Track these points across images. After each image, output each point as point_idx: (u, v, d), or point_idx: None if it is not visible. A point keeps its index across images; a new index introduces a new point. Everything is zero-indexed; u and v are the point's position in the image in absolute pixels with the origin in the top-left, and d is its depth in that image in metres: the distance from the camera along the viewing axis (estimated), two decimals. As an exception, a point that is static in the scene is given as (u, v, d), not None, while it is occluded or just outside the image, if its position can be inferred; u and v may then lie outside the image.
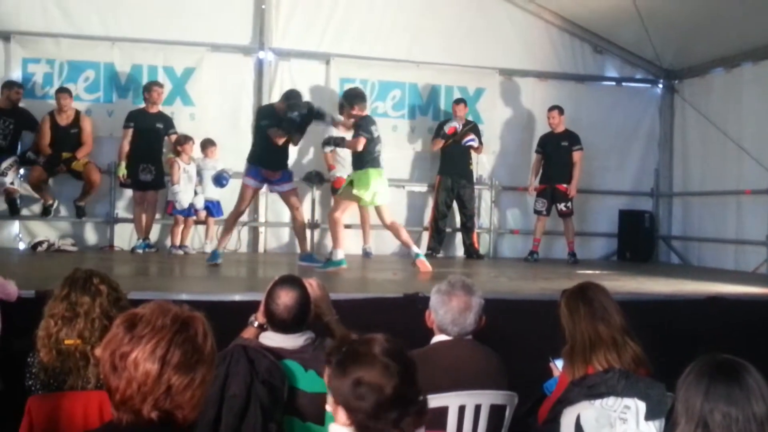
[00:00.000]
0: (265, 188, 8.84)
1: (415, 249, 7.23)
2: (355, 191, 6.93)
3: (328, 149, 7.53)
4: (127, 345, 1.76)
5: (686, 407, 1.96)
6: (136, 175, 8.23)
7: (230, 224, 7.33)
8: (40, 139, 8.06)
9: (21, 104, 8.18)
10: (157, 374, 1.74)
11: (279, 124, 7.00)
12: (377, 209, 7.22)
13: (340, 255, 6.92)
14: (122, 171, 8.17)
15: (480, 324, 3.22)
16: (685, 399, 1.98)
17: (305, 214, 9.16)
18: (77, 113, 8.21)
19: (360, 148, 6.94)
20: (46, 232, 8.39)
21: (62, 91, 8.14)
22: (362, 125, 7.04)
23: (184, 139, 8.27)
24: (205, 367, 1.82)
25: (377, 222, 8.93)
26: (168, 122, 8.43)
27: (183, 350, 1.77)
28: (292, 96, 7.18)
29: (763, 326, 5.13)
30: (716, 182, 9.34)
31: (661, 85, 10.40)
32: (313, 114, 7.18)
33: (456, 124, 8.87)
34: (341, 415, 2.04)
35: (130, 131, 8.21)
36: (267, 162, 7.12)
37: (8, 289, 3.86)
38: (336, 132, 7.93)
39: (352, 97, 7.28)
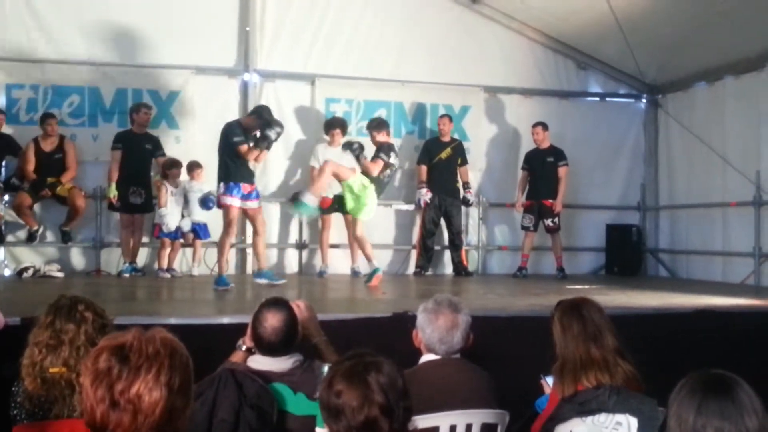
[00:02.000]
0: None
1: (374, 263, 7.55)
2: (363, 207, 7.36)
3: (347, 149, 7.59)
4: (125, 379, 1.72)
5: (679, 422, 1.95)
6: (126, 197, 8.19)
7: (224, 247, 7.19)
8: (24, 164, 8.03)
9: (5, 130, 8.14)
10: (165, 402, 1.72)
11: (249, 139, 7.04)
12: (354, 221, 7.64)
13: (375, 264, 7.51)
14: (113, 192, 8.13)
15: (468, 342, 3.20)
16: (678, 414, 1.96)
17: (293, 234, 9.19)
18: (61, 138, 8.19)
19: (376, 173, 7.33)
20: (31, 258, 8.33)
21: (49, 116, 8.12)
22: (385, 149, 7.46)
23: (172, 164, 8.25)
24: (192, 385, 1.83)
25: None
26: (156, 144, 8.41)
27: (180, 372, 1.76)
28: (266, 112, 7.20)
29: (751, 338, 5.14)
30: (702, 195, 9.39)
31: (644, 100, 10.48)
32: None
33: (427, 198, 8.98)
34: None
35: (119, 153, 8.18)
36: (243, 177, 7.08)
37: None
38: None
39: (379, 125, 7.81)
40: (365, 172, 7.38)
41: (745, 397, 1.95)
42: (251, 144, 7.03)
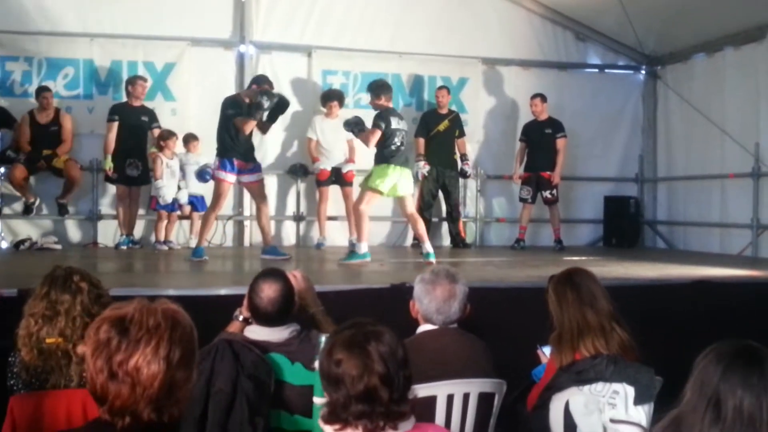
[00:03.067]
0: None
1: (427, 247, 6.94)
2: (371, 183, 6.87)
3: (347, 128, 7.29)
4: (124, 351, 1.71)
5: (701, 382, 1.92)
6: (123, 170, 8.14)
7: (209, 221, 7.21)
8: (19, 137, 7.99)
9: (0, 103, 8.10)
10: (164, 374, 1.71)
11: (245, 112, 6.91)
12: (399, 200, 7.14)
13: (364, 248, 6.88)
14: (109, 164, 8.08)
15: (465, 312, 3.20)
16: (702, 375, 1.94)
17: (290, 206, 9.18)
18: (57, 111, 8.13)
19: (372, 143, 6.85)
20: (28, 230, 8.32)
21: (44, 89, 8.05)
22: (382, 115, 6.92)
23: (168, 135, 8.21)
24: (196, 358, 1.82)
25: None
26: (152, 116, 8.36)
27: (182, 346, 1.75)
28: (262, 81, 7.06)
29: (749, 308, 5.15)
30: (700, 167, 9.37)
31: (643, 72, 10.42)
32: (282, 104, 7.09)
33: (424, 171, 8.81)
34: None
35: (115, 125, 8.12)
36: (239, 153, 7.01)
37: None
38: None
39: (377, 88, 7.17)
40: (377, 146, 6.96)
41: None
42: (243, 116, 6.91)
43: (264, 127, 7.33)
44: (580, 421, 2.97)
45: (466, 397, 2.92)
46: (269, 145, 9.04)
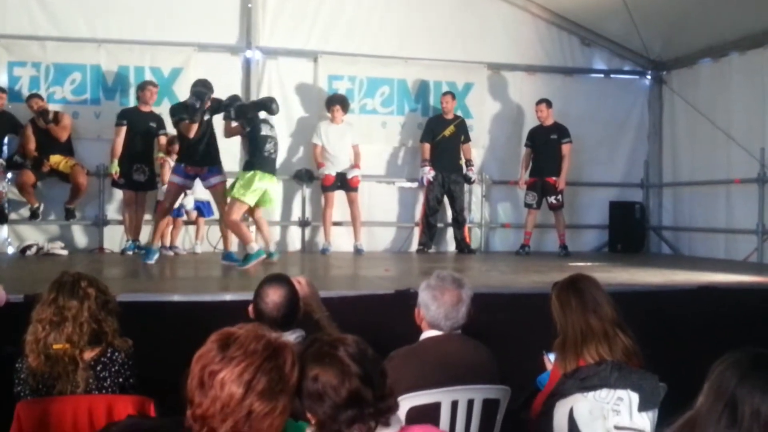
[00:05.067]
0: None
1: (255, 246, 6.85)
2: (236, 193, 6.81)
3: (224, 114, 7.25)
4: (217, 364, 1.79)
5: (718, 386, 1.93)
6: (130, 175, 8.17)
7: (159, 221, 7.35)
8: (25, 143, 8.03)
9: (7, 108, 8.14)
10: (241, 398, 1.76)
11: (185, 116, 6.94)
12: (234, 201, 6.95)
13: (255, 248, 6.77)
14: (115, 168, 8.10)
15: (470, 317, 3.21)
16: (718, 379, 1.94)
17: (296, 211, 9.19)
18: (56, 114, 8.16)
19: (230, 133, 7.08)
20: (35, 235, 8.35)
21: (31, 96, 8.08)
22: (253, 119, 7.03)
23: (175, 140, 8.22)
24: (287, 397, 1.85)
25: (367, 219, 8.99)
26: (160, 122, 8.38)
27: (269, 378, 1.80)
28: (195, 84, 7.05)
29: (754, 314, 5.14)
30: (706, 172, 9.36)
31: (649, 77, 10.42)
32: (223, 107, 7.11)
33: (430, 177, 8.89)
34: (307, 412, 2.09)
35: (124, 129, 8.14)
36: (190, 158, 7.01)
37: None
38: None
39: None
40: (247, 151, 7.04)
41: None
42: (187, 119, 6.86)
43: (226, 129, 7.32)
44: (585, 427, 2.96)
45: (470, 403, 2.92)
46: (275, 151, 9.06)
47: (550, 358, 3.52)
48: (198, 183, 8.17)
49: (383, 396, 2.07)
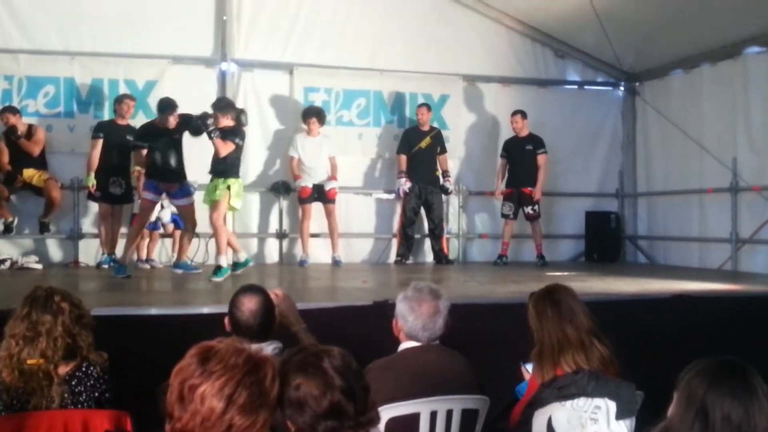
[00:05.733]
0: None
1: (221, 260, 6.89)
2: (231, 203, 6.96)
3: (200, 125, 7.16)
4: (198, 378, 1.78)
5: (687, 395, 1.96)
6: (106, 187, 8.09)
7: (133, 236, 7.35)
8: (-1, 157, 7.94)
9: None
10: (221, 412, 1.76)
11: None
12: (216, 203, 6.99)
13: (224, 262, 6.88)
14: (91, 181, 8.02)
15: (448, 327, 3.21)
16: (687, 388, 1.97)
17: (273, 224, 9.16)
18: (29, 127, 8.08)
19: (224, 152, 6.91)
20: (8, 249, 8.24)
21: (4, 110, 8.00)
22: (237, 132, 7.05)
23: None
24: (268, 411, 1.84)
25: (345, 230, 8.98)
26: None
27: (249, 392, 1.79)
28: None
29: (729, 322, 5.19)
30: (679, 182, 9.47)
31: (622, 88, 10.54)
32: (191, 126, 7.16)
33: (406, 188, 8.95)
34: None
35: (100, 142, 8.07)
36: (162, 176, 7.12)
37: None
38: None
39: (223, 107, 7.22)
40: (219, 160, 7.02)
41: (755, 383, 1.97)
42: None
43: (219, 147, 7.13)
44: (563, 436, 2.98)
45: (449, 413, 2.92)
46: (251, 163, 9.04)
47: (528, 368, 3.53)
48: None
49: (365, 410, 2.07)
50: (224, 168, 6.97)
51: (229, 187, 6.91)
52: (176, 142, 7.21)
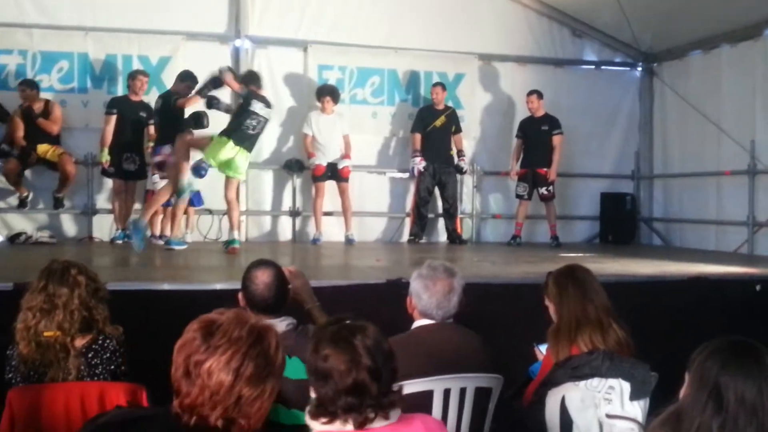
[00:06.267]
0: (244, 176, 8.86)
1: (236, 234, 7.27)
2: (204, 155, 7.05)
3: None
4: (203, 353, 1.78)
5: (700, 376, 1.95)
6: (120, 163, 8.12)
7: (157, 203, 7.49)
8: (13, 131, 7.95)
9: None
10: (230, 385, 1.76)
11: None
12: (227, 180, 7.25)
13: (235, 235, 7.19)
14: (105, 157, 8.05)
15: (462, 306, 3.21)
16: (700, 369, 1.96)
17: (286, 201, 9.16)
18: (46, 102, 8.09)
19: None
20: (23, 224, 8.29)
21: (21, 83, 8.01)
22: (247, 95, 7.18)
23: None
24: (275, 379, 1.85)
25: (358, 209, 8.98)
26: (150, 111, 8.31)
27: (256, 363, 1.80)
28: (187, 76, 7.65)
29: (744, 305, 5.17)
30: (696, 164, 9.39)
31: (640, 68, 10.43)
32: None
33: (420, 167, 8.92)
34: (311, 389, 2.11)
35: (114, 118, 8.08)
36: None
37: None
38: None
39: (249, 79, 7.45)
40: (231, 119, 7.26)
41: None
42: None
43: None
44: (576, 416, 2.97)
45: (462, 391, 2.92)
46: (265, 141, 9.01)
47: (541, 349, 3.54)
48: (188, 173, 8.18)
49: (388, 392, 2.07)
50: (229, 128, 7.13)
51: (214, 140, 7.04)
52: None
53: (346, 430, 2.03)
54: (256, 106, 7.10)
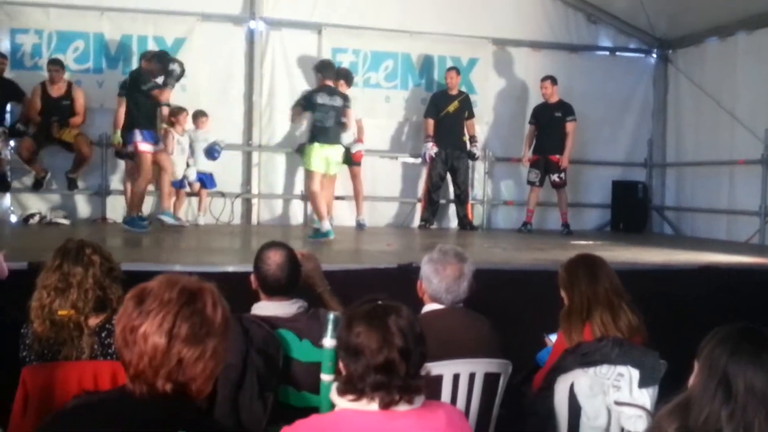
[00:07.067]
0: (257, 159, 8.88)
1: (327, 225, 6.99)
2: (306, 165, 7.19)
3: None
4: (136, 319, 1.77)
5: (709, 365, 1.95)
6: None
7: (143, 195, 7.39)
8: (29, 109, 7.99)
9: (9, 75, 8.08)
10: (165, 348, 1.75)
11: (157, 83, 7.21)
12: (307, 172, 7.36)
13: (327, 226, 6.93)
14: (118, 139, 8.04)
15: (472, 291, 3.22)
16: (709, 358, 1.96)
17: (298, 185, 9.17)
18: (69, 84, 8.12)
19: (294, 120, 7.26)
20: (37, 204, 8.35)
21: (52, 62, 8.03)
22: (308, 96, 7.27)
23: (178, 110, 8.20)
24: (216, 338, 1.83)
25: (370, 194, 8.98)
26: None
27: (191, 323, 1.78)
28: (164, 56, 7.41)
29: (755, 295, 5.15)
30: (709, 152, 9.33)
31: (654, 55, 10.36)
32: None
33: (432, 153, 8.90)
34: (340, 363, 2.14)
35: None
36: (152, 124, 7.31)
37: (1, 265, 3.83)
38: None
39: (319, 68, 7.53)
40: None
41: None
42: (162, 85, 7.21)
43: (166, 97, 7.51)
44: (585, 402, 2.99)
45: (472, 376, 2.93)
46: (278, 124, 9.05)
47: (551, 338, 3.55)
48: (200, 153, 8.22)
49: (416, 375, 2.10)
50: (310, 132, 7.25)
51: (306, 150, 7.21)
52: None
53: (371, 409, 2.05)
54: (318, 99, 7.12)
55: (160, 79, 7.22)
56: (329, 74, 7.46)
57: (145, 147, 7.11)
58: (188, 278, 1.87)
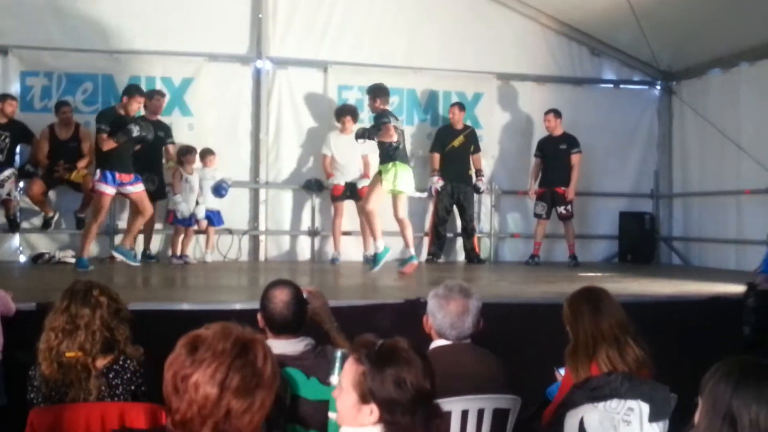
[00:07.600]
0: (264, 196, 8.92)
1: (412, 251, 7.30)
2: (385, 183, 7.10)
3: (360, 141, 7.44)
4: (189, 368, 1.78)
5: (713, 401, 1.94)
6: None
7: (91, 233, 7.30)
8: (37, 151, 8.06)
9: (19, 117, 8.18)
10: (216, 398, 1.76)
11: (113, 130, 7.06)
12: (395, 198, 7.28)
13: (381, 246, 7.10)
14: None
15: (478, 327, 3.21)
16: (713, 393, 1.95)
17: (305, 221, 9.20)
18: (77, 126, 8.21)
19: (393, 134, 7.00)
20: (46, 244, 8.38)
21: (63, 104, 8.12)
22: (386, 114, 7.21)
23: (187, 150, 8.27)
24: (265, 391, 1.83)
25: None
26: (167, 131, 8.42)
27: (242, 375, 1.78)
28: (134, 91, 7.33)
29: (765, 325, 5.11)
30: (716, 182, 9.33)
31: (658, 87, 10.41)
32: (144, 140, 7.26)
33: (438, 186, 8.97)
34: (369, 413, 2.15)
35: None
36: (121, 166, 7.15)
37: (9, 304, 3.86)
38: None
39: (376, 90, 7.49)
40: (383, 141, 7.15)
41: None
42: (114, 134, 7.03)
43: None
44: (595, 438, 2.96)
45: (480, 412, 2.92)
46: (284, 161, 9.12)
47: (561, 372, 3.53)
48: (208, 191, 8.26)
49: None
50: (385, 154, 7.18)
51: (380, 172, 7.17)
52: None
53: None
54: (393, 120, 7.19)
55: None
56: (386, 97, 7.51)
57: (101, 187, 7.06)
58: (242, 329, 1.87)
